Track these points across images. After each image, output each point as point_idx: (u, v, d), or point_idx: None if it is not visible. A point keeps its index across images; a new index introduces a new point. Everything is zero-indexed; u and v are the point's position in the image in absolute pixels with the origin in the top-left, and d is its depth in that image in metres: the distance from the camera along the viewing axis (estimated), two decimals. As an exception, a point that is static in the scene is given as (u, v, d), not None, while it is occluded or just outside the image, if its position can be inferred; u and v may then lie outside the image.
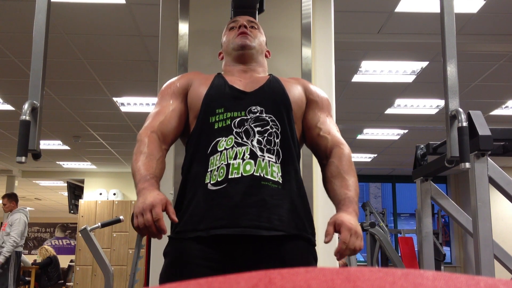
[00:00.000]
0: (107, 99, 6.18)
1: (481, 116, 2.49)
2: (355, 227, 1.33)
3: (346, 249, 1.31)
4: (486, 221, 2.38)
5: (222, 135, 1.48)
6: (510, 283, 0.35)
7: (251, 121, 1.50)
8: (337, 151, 1.58)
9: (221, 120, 1.50)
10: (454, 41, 2.01)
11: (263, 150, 1.45)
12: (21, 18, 4.14)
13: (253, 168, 1.42)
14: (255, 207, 1.39)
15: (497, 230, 3.47)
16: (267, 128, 1.50)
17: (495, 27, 4.33)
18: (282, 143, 1.50)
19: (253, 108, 1.52)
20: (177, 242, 1.44)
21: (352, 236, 1.32)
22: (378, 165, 10.04)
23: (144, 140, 1.49)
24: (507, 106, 6.33)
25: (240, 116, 1.50)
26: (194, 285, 0.35)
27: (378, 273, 0.35)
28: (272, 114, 1.53)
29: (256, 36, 1.76)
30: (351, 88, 5.74)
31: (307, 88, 1.69)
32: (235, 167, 1.42)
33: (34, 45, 1.86)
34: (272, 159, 1.46)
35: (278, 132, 1.51)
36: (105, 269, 4.21)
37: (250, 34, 1.73)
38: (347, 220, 1.34)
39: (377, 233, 4.93)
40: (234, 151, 1.44)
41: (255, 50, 1.72)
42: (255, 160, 1.43)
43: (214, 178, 1.42)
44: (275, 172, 1.44)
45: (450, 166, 1.96)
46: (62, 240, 16.47)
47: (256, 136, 1.47)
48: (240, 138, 1.46)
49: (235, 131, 1.47)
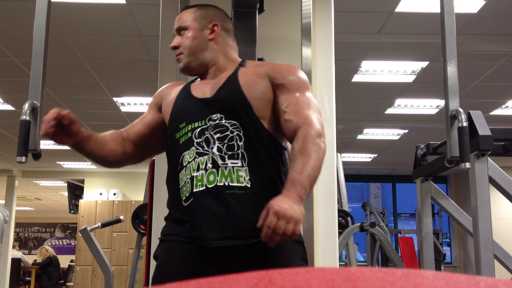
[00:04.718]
0: (107, 99, 6.18)
1: (481, 116, 2.49)
2: (284, 210, 1.22)
3: (273, 233, 1.23)
4: (486, 221, 2.38)
5: (186, 148, 1.47)
6: (510, 283, 0.35)
7: (211, 128, 1.46)
8: (299, 133, 1.41)
9: (184, 134, 1.49)
10: (454, 41, 2.01)
11: (224, 158, 1.41)
12: (21, 18, 4.14)
13: (216, 178, 1.40)
14: (223, 217, 1.38)
15: (497, 230, 3.47)
16: (227, 133, 1.44)
17: (495, 27, 4.33)
18: (247, 144, 1.44)
19: (213, 116, 1.47)
20: (167, 243, 1.48)
21: (280, 219, 1.22)
22: (378, 165, 10.04)
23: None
24: (507, 106, 6.33)
25: (200, 126, 1.47)
26: (194, 285, 0.35)
27: (378, 273, 0.35)
28: (232, 119, 1.46)
29: (185, 45, 1.60)
30: (351, 88, 5.74)
31: (271, 73, 1.53)
32: (199, 179, 1.41)
33: (34, 45, 1.87)
34: (237, 163, 1.41)
35: (241, 134, 1.44)
36: (105, 269, 4.21)
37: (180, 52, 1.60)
38: (277, 203, 1.24)
39: (377, 233, 4.93)
40: (196, 162, 1.43)
41: (194, 63, 1.59)
42: (217, 169, 1.40)
43: (184, 194, 1.44)
44: (241, 177, 1.40)
45: (450, 166, 1.96)
46: (62, 240, 16.47)
47: (216, 143, 1.43)
48: (201, 148, 1.44)
49: (196, 142, 1.45)
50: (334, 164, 2.49)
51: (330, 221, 2.49)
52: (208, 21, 1.62)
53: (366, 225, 4.73)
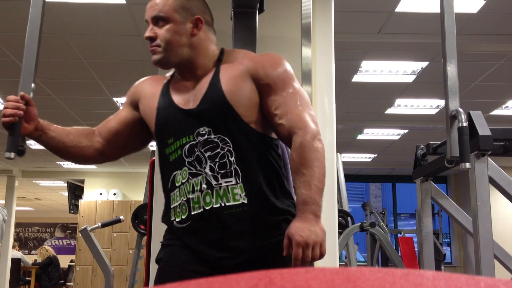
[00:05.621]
0: (107, 99, 6.18)
1: (481, 116, 2.49)
2: (306, 239, 1.24)
3: (303, 263, 1.25)
4: (486, 221, 2.38)
5: (177, 168, 1.43)
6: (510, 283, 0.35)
7: (201, 145, 1.40)
8: (294, 141, 1.36)
9: (174, 152, 1.44)
10: (454, 41, 2.01)
11: (218, 178, 1.38)
12: (21, 18, 4.13)
13: (212, 200, 1.38)
14: (223, 239, 1.39)
15: (497, 230, 3.47)
16: (218, 151, 1.39)
17: (495, 27, 4.32)
18: (238, 158, 1.39)
19: (201, 130, 1.41)
20: (169, 248, 1.48)
21: (305, 249, 1.24)
22: (378, 165, 10.03)
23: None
24: (507, 106, 6.33)
25: (189, 142, 1.41)
26: (195, 285, 0.35)
27: (378, 273, 0.35)
28: (220, 133, 1.40)
29: (165, 39, 1.45)
30: (351, 88, 5.74)
31: (253, 72, 1.44)
32: (195, 202, 1.39)
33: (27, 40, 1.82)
34: (231, 182, 1.38)
35: (231, 149, 1.39)
36: (105, 269, 4.21)
37: (156, 44, 1.45)
38: (296, 232, 1.25)
39: (377, 233, 4.93)
40: (191, 183, 1.40)
41: (172, 59, 1.47)
42: (211, 190, 1.38)
43: (178, 215, 1.43)
44: (237, 194, 1.38)
45: (450, 166, 1.96)
46: (62, 240, 16.47)
47: (208, 163, 1.39)
48: (193, 168, 1.40)
49: (187, 161, 1.41)
50: (334, 164, 2.49)
51: (330, 221, 2.49)
52: (190, 13, 1.47)
53: (366, 225, 4.73)
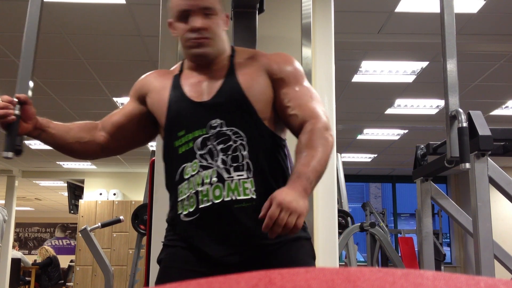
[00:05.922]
0: (107, 99, 6.19)
1: (481, 116, 2.49)
2: (288, 203, 1.19)
3: (275, 225, 1.20)
4: (486, 221, 2.37)
5: (187, 160, 1.40)
6: (510, 283, 0.35)
7: (213, 138, 1.39)
8: (306, 127, 1.37)
9: (184, 144, 1.42)
10: (454, 41, 2.01)
11: (230, 171, 1.37)
12: (21, 18, 4.12)
13: (222, 193, 1.36)
14: (232, 234, 1.38)
15: (497, 230, 3.47)
16: (230, 144, 1.38)
17: (495, 27, 4.33)
18: (251, 153, 1.39)
19: (213, 123, 1.40)
20: (171, 249, 1.47)
21: (282, 211, 1.19)
22: (378, 165, 10.04)
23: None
24: (507, 106, 6.33)
25: (201, 135, 1.40)
26: (195, 285, 0.35)
27: (378, 273, 0.35)
28: (234, 126, 1.40)
29: (215, 31, 1.44)
30: (351, 88, 5.74)
31: (268, 67, 1.47)
32: (204, 194, 1.36)
33: (25, 39, 1.83)
34: (243, 175, 1.37)
35: (244, 143, 1.39)
36: (105, 269, 4.21)
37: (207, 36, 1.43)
38: (281, 194, 1.21)
39: (377, 233, 4.93)
40: (200, 176, 1.37)
41: (216, 54, 1.46)
42: (223, 183, 1.36)
43: (186, 208, 1.40)
44: (247, 189, 1.37)
45: (450, 166, 1.96)
46: (62, 240, 16.47)
47: (220, 156, 1.37)
48: (205, 160, 1.38)
49: (199, 154, 1.39)
50: (334, 164, 2.49)
51: (330, 221, 2.49)
52: (223, 9, 1.50)
53: (366, 225, 4.73)
